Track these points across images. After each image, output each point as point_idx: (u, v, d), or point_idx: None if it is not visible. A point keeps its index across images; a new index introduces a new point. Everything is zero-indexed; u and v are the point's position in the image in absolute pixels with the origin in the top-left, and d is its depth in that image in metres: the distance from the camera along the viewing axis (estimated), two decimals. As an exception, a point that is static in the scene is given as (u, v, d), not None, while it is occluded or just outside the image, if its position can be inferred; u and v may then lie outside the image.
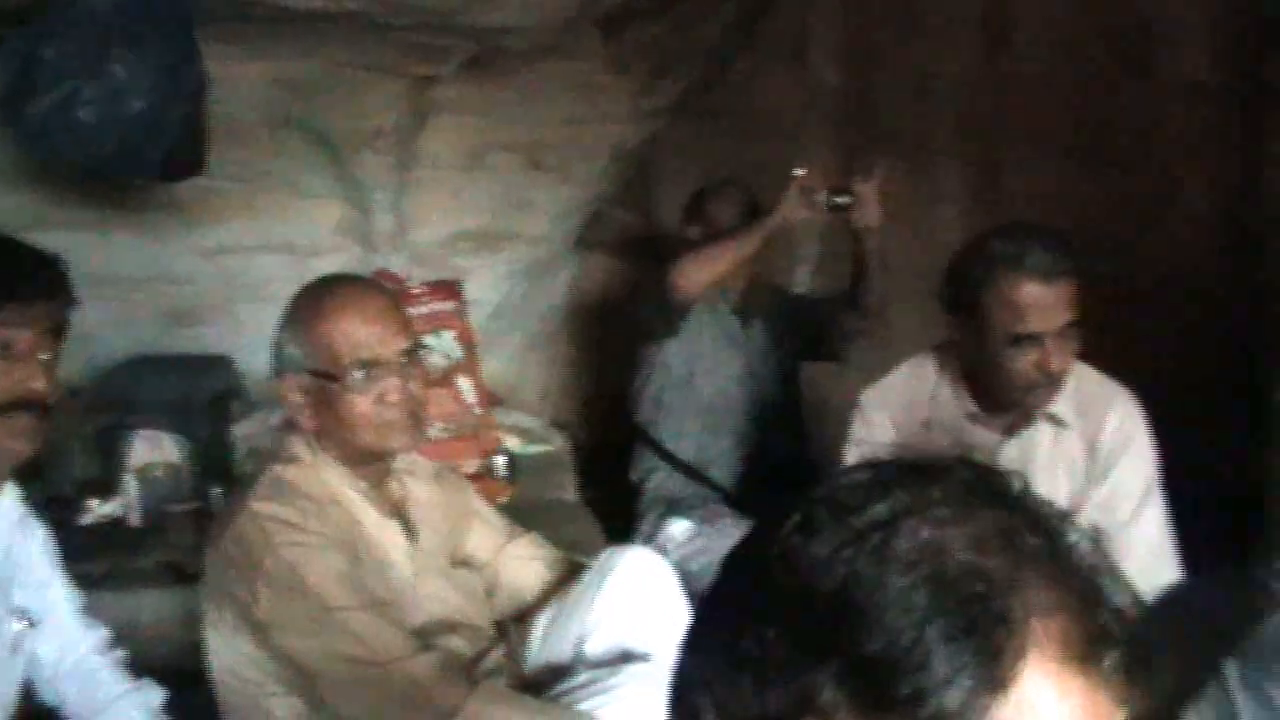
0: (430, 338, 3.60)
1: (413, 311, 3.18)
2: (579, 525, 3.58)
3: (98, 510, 3.46)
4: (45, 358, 2.11)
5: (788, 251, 4.70)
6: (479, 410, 3.76)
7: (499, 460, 3.72)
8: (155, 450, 3.53)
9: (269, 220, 4.05)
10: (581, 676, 2.31)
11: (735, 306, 3.85)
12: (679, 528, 3.55)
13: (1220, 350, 4.27)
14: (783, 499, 0.74)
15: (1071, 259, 2.53)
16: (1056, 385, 2.60)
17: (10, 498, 2.29)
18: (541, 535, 2.68)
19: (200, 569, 2.33)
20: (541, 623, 2.49)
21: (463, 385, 3.73)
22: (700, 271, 3.55)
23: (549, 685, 2.36)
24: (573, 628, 2.41)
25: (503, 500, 3.48)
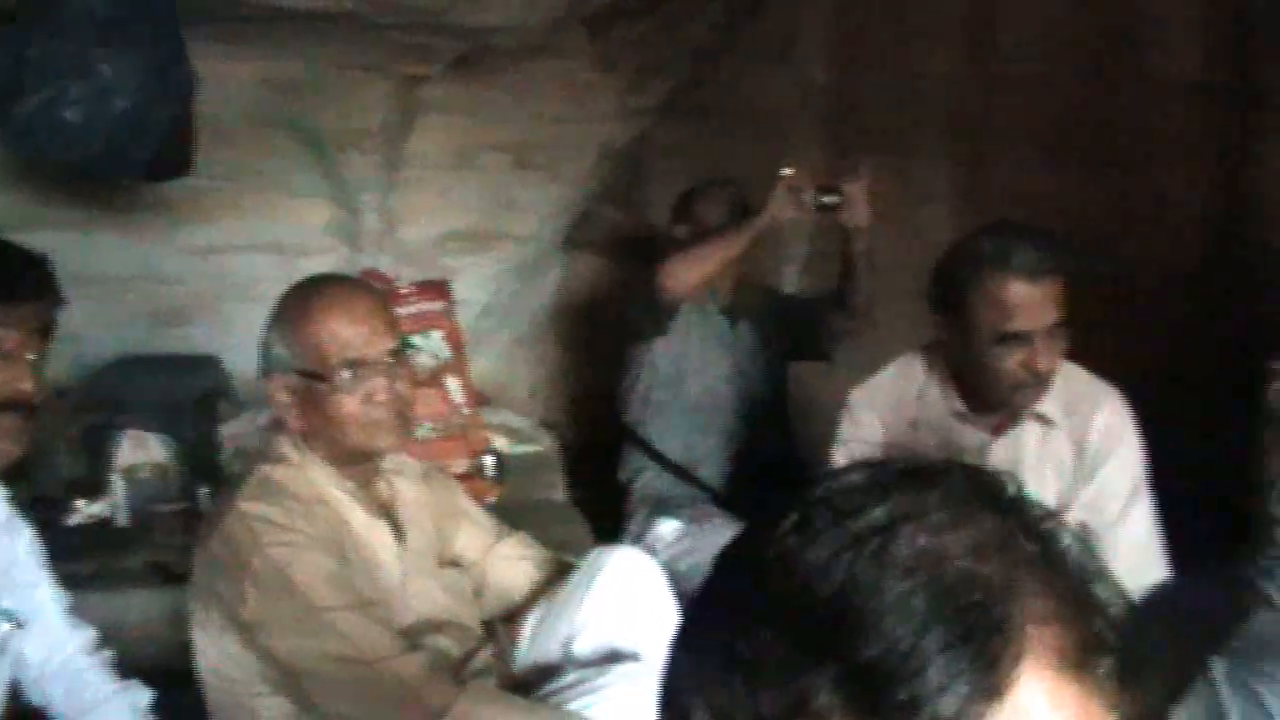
0: (418, 338, 3.60)
1: (401, 311, 3.17)
2: (567, 525, 3.57)
3: (85, 510, 3.45)
4: (32, 358, 2.11)
5: (776, 251, 4.70)
6: (467, 410, 3.75)
7: (487, 460, 3.71)
8: (142, 450, 3.52)
9: (257, 220, 4.04)
10: (570, 676, 2.32)
11: (723, 306, 3.84)
12: (667, 527, 3.55)
13: (1210, 349, 4.28)
14: (773, 498, 0.74)
15: (1059, 258, 2.53)
16: (1044, 384, 2.60)
17: (-3, 498, 2.29)
18: (530, 535, 2.68)
19: (188, 569, 2.32)
20: (530, 623, 2.49)
21: (451, 385, 3.72)
22: (688, 271, 3.55)
23: (537, 685, 2.36)
24: (561, 627, 2.41)
25: (491, 500, 3.48)
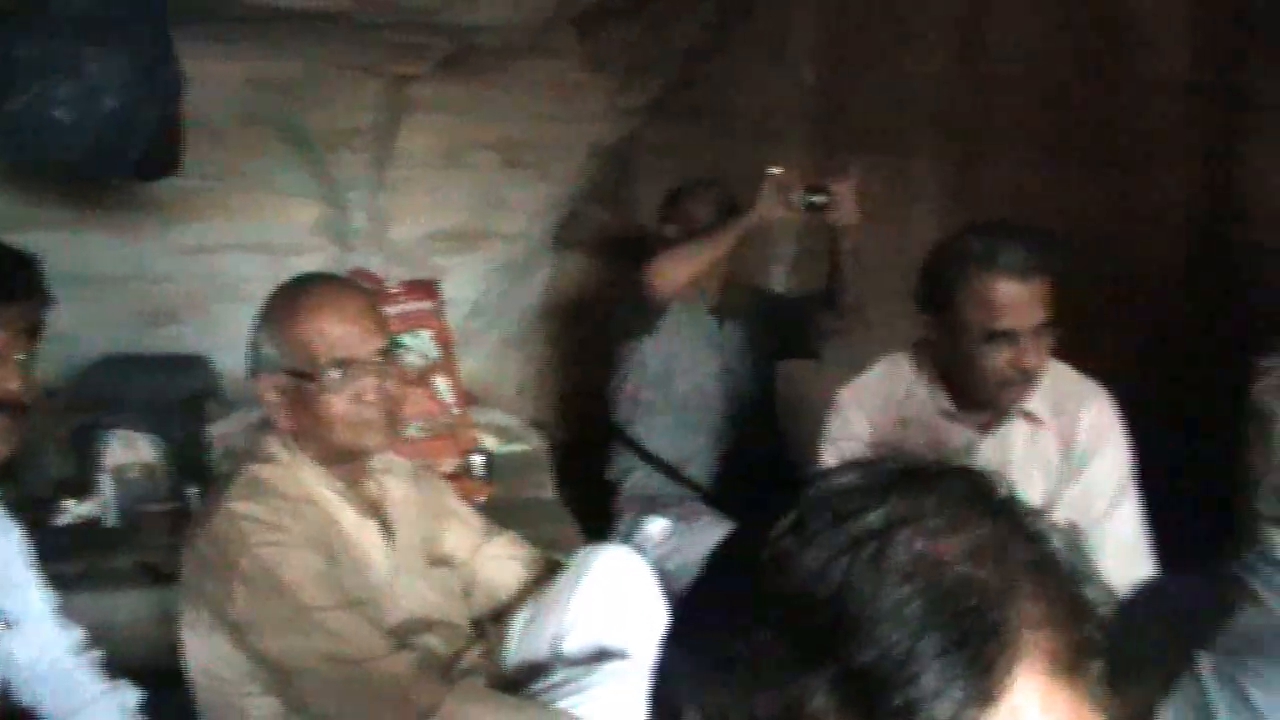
0: (407, 337, 3.59)
1: (390, 311, 3.17)
2: (556, 524, 3.57)
3: (73, 510, 3.44)
4: (21, 358, 2.11)
5: (764, 250, 4.70)
6: (456, 409, 3.75)
7: (476, 459, 3.71)
8: (131, 450, 3.51)
9: (246, 220, 4.03)
10: (559, 675, 2.32)
11: (712, 305, 3.85)
12: (656, 526, 3.55)
13: (1198, 346, 4.29)
14: (765, 498, 0.74)
15: (1046, 257, 2.54)
16: (1031, 382, 2.61)
17: (-14, 499, 2.29)
18: (519, 534, 2.68)
19: (176, 569, 2.32)
20: (519, 621, 2.49)
21: (440, 385, 3.72)
22: (676, 270, 3.55)
23: (526, 684, 2.36)
24: (550, 626, 2.42)
25: (480, 499, 3.48)
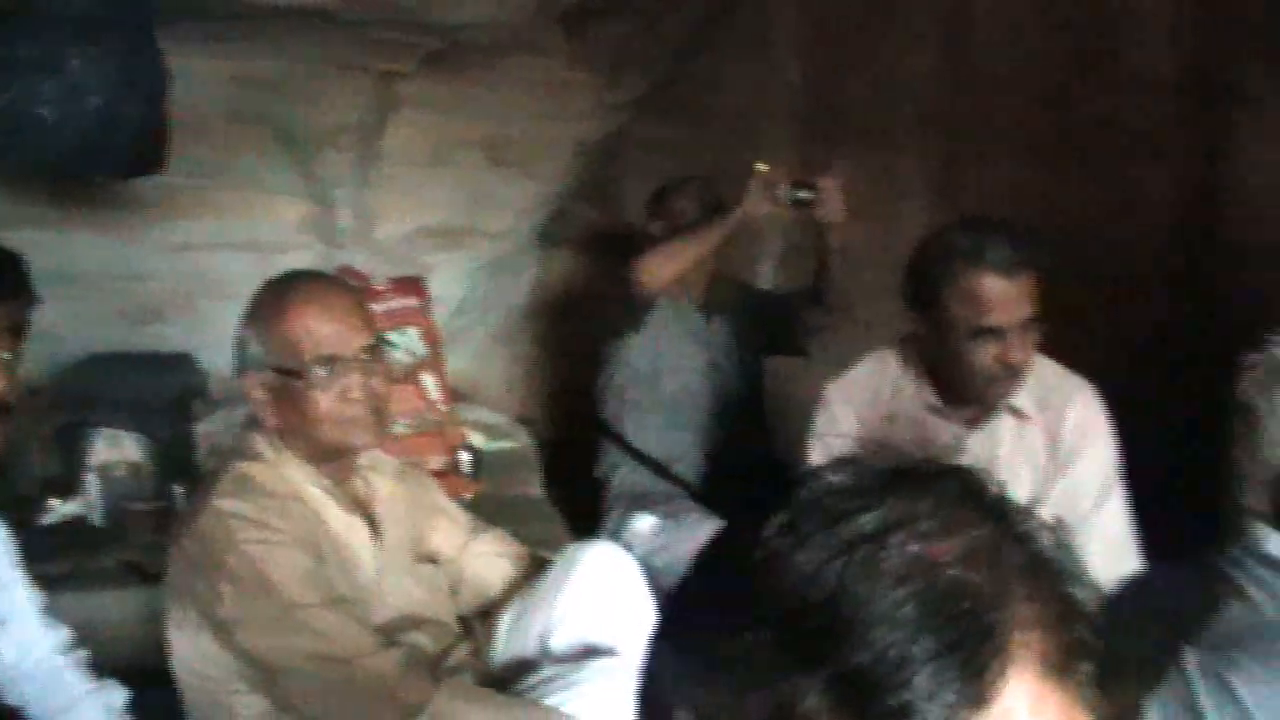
0: (394, 334, 3.59)
1: (376, 308, 3.17)
2: (544, 521, 3.57)
3: (59, 510, 3.43)
4: (5, 356, 2.11)
5: (751, 247, 4.71)
6: (443, 407, 3.75)
7: (463, 456, 3.71)
8: (117, 449, 3.50)
9: (232, 217, 4.02)
10: (546, 671, 2.32)
11: (699, 302, 3.85)
12: (644, 523, 3.55)
13: (1184, 342, 4.30)
14: (752, 493, 0.74)
15: (1032, 253, 2.55)
16: (1018, 378, 2.62)
17: (-30, 498, 2.28)
18: (506, 531, 2.68)
19: (163, 568, 2.32)
20: (506, 618, 2.49)
21: (427, 382, 3.72)
22: (663, 267, 3.56)
23: (514, 680, 2.36)
24: (537, 623, 2.42)
25: (467, 496, 3.48)
